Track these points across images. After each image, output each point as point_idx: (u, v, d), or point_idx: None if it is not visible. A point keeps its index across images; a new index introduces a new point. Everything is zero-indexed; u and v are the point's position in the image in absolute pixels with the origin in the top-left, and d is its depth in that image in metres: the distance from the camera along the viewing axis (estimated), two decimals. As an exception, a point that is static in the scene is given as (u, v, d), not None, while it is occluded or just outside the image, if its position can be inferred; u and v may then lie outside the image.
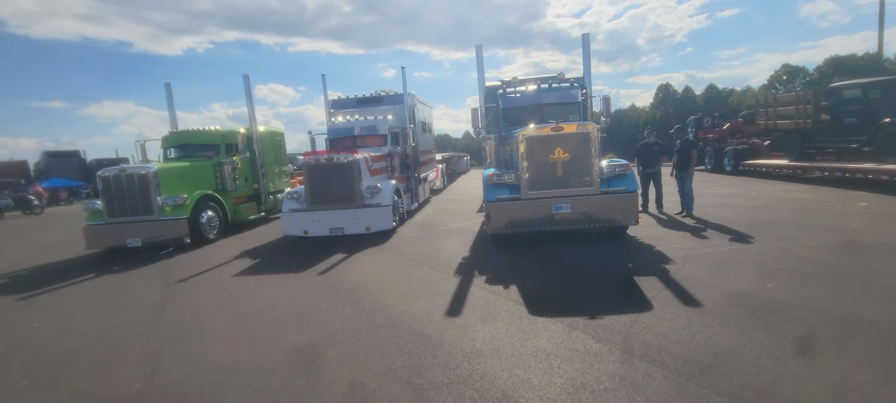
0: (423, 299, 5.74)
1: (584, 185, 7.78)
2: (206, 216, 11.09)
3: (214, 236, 11.30)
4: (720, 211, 10.07)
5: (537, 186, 7.87)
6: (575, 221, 7.81)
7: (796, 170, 13.52)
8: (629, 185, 7.83)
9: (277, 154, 14.75)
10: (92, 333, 5.48)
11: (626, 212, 7.80)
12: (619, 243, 7.94)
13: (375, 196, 10.33)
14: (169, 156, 12.68)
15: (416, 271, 7.13)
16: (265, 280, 7.31)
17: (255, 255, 9.28)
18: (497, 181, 8.08)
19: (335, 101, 14.58)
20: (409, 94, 13.82)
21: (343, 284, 6.68)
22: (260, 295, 6.45)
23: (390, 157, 12.46)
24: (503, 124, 10.23)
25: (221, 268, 8.35)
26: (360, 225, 10.13)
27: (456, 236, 9.63)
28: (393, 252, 8.61)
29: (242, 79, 12.76)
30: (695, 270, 5.96)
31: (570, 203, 7.77)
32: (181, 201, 10.53)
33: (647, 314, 4.68)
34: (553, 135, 7.74)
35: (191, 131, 12.77)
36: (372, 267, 7.61)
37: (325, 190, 10.23)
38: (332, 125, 13.10)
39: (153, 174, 10.36)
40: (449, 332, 4.65)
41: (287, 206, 10.44)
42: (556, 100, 10.06)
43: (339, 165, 10.19)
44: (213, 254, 9.71)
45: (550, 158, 7.79)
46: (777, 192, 12.02)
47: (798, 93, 13.90)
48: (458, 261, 7.53)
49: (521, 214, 7.90)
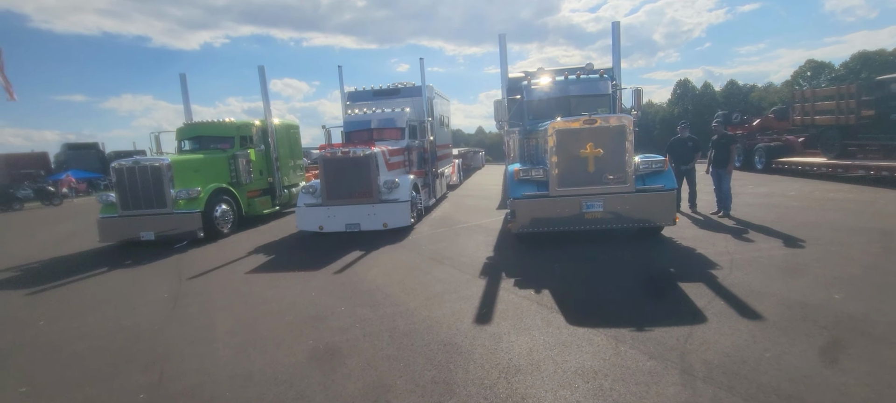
0: (448, 303, 5.33)
1: (617, 183, 7.27)
2: (220, 209, 10.83)
3: (228, 230, 11.03)
4: (759, 211, 9.46)
5: (567, 183, 7.39)
6: (607, 221, 7.32)
7: (836, 169, 12.76)
8: (667, 183, 7.30)
9: (292, 147, 14.45)
10: (99, 333, 5.18)
11: (663, 212, 7.28)
12: (654, 245, 7.43)
13: (393, 191, 9.93)
14: (183, 148, 12.44)
15: (438, 271, 6.72)
16: (280, 278, 6.97)
17: (269, 251, 8.97)
18: (523, 177, 7.62)
19: (351, 93, 14.22)
20: (428, 87, 13.37)
21: (361, 285, 6.30)
22: (274, 295, 6.11)
23: (408, 151, 12.06)
24: (528, 117, 9.74)
25: (235, 265, 8.05)
26: (377, 222, 9.76)
27: (477, 234, 9.20)
28: (412, 250, 8.21)
29: (257, 70, 12.48)
30: (746, 277, 5.44)
31: (603, 201, 7.27)
32: (195, 194, 10.27)
33: (702, 327, 4.19)
34: (585, 128, 7.24)
35: (205, 123, 12.53)
36: (391, 266, 7.22)
37: (341, 184, 9.87)
38: (348, 117, 12.73)
39: (167, 166, 10.11)
40: (480, 342, 4.22)
41: (302, 201, 10.11)
42: (584, 92, 9.53)
43: (355, 159, 9.81)
44: (227, 249, 9.43)
45: (582, 153, 7.30)
46: (817, 192, 11.32)
47: (840, 88, 13.11)
48: (482, 261, 7.10)
49: (549, 212, 7.43)
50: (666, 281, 5.63)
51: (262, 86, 12.45)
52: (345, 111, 13.72)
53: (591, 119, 7.25)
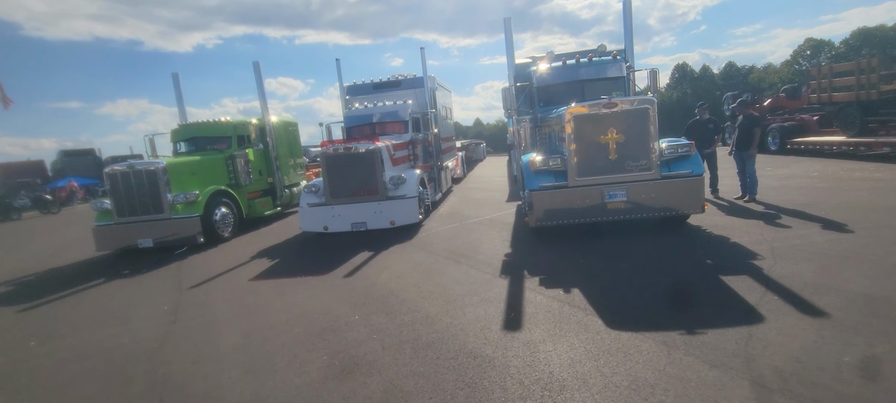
0: (471, 307, 4.90)
1: (641, 170, 6.83)
2: (219, 213, 10.39)
3: (229, 234, 10.61)
4: (785, 194, 9.02)
5: (587, 172, 6.95)
6: (630, 210, 6.88)
7: (858, 147, 12.28)
8: (694, 168, 6.85)
9: (292, 145, 13.98)
10: (94, 353, 4.76)
11: (691, 199, 6.84)
12: (682, 234, 7.00)
13: (400, 187, 9.49)
14: (179, 150, 11.99)
15: (455, 271, 6.29)
16: (286, 284, 6.54)
17: (273, 255, 8.54)
18: (541, 167, 7.17)
19: (351, 87, 13.72)
20: (430, 77, 12.90)
21: (374, 289, 5.88)
22: (281, 304, 5.68)
23: (412, 145, 11.60)
24: (538, 104, 9.27)
25: (238, 271, 7.62)
26: (384, 220, 9.32)
27: (491, 229, 8.76)
28: (424, 249, 7.78)
29: (252, 67, 11.98)
30: (794, 267, 5.01)
31: (626, 190, 6.84)
32: (193, 198, 9.82)
33: (761, 327, 3.76)
34: (605, 113, 6.78)
35: (201, 123, 12.05)
36: (403, 267, 6.80)
37: (345, 182, 9.42)
38: (348, 112, 12.27)
39: (162, 170, 9.65)
40: (514, 353, 3.80)
41: (305, 200, 9.67)
42: (597, 75, 9.05)
43: (359, 155, 9.36)
44: (229, 254, 9.00)
45: (602, 139, 6.85)
46: (841, 172, 10.87)
47: (860, 62, 12.61)
48: (500, 259, 6.67)
49: (568, 204, 7.00)
50: (706, 274, 5.20)
51: (258, 83, 11.96)
52: (344, 106, 13.26)
53: (611, 102, 6.78)
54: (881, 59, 12.14)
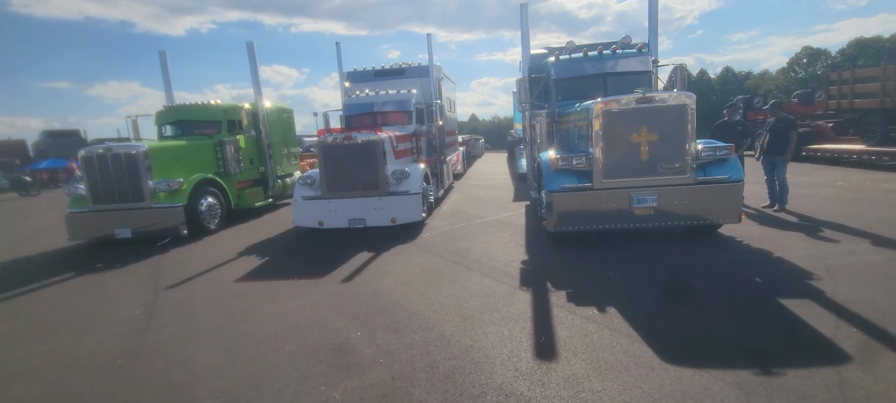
0: (492, 326, 4.22)
1: (675, 173, 6.18)
2: (205, 203, 9.59)
3: (216, 226, 9.82)
4: (815, 203, 8.45)
5: (615, 173, 6.28)
6: (660, 217, 6.24)
7: (881, 157, 11.76)
8: (734, 173, 6.21)
9: (286, 133, 13.19)
10: (45, 370, 4.02)
11: (728, 208, 6.22)
12: (717, 246, 6.37)
13: (403, 182, 8.76)
14: (164, 134, 11.15)
15: (468, 280, 5.61)
16: (276, 288, 5.81)
17: (262, 252, 7.79)
18: (563, 166, 6.49)
19: (351, 74, 12.93)
20: (436, 66, 12.15)
21: (377, 299, 5.17)
22: (271, 313, 4.96)
23: (416, 137, 10.87)
24: (556, 98, 8.59)
25: (222, 270, 6.87)
26: (384, 217, 8.60)
27: (500, 231, 8.08)
28: (430, 251, 7.09)
29: (246, 47, 11.18)
30: (860, 291, 4.39)
31: (657, 194, 6.19)
32: (177, 186, 9.02)
33: (851, 369, 3.13)
34: (639, 108, 6.11)
35: (188, 105, 11.20)
36: (408, 272, 6.10)
37: (343, 174, 8.67)
38: (348, 100, 11.48)
39: (143, 154, 8.84)
40: (554, 392, 3.13)
41: (299, 193, 8.91)
42: (622, 69, 8.38)
43: (360, 145, 8.61)
44: (214, 249, 8.24)
45: (633, 138, 6.18)
46: (867, 182, 10.34)
47: (886, 68, 12.09)
48: (516, 267, 6.00)
49: (592, 208, 6.33)
50: (760, 296, 4.56)
51: (252, 66, 11.16)
52: (344, 93, 12.47)
53: (645, 97, 6.11)
54: (909, 65, 11.66)
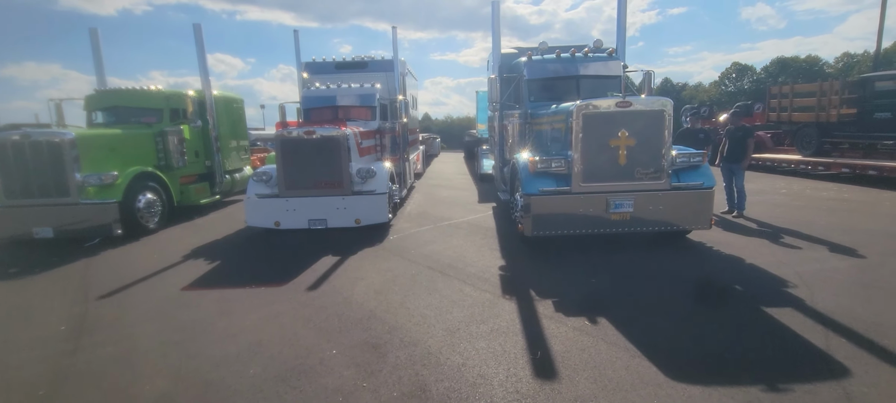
0: (482, 340, 3.91)
1: (651, 178, 6.17)
2: (143, 199, 8.61)
3: (156, 225, 8.86)
4: (767, 210, 8.84)
5: (593, 177, 6.18)
6: (636, 223, 6.21)
7: (816, 167, 12.66)
8: (706, 180, 6.29)
9: (235, 125, 12.24)
10: (-62, 405, 3.26)
11: (700, 214, 6.28)
12: (688, 250, 6.44)
13: (368, 181, 8.27)
14: (95, 121, 9.95)
15: (446, 287, 5.27)
16: (232, 298, 5.19)
17: (211, 254, 7.05)
18: (541, 169, 6.30)
19: (309, 65, 12.18)
20: (401, 61, 11.71)
21: (349, 309, 4.72)
22: (228, 328, 4.37)
23: (380, 134, 10.37)
24: (529, 99, 8.43)
25: (166, 275, 6.11)
26: (347, 217, 8.07)
27: (472, 234, 7.81)
28: (400, 255, 6.68)
29: (193, 29, 10.22)
30: (838, 300, 4.48)
31: (634, 200, 6.15)
32: (110, 180, 8.01)
33: (853, 382, 3.10)
34: (619, 112, 6.03)
35: (124, 90, 10.06)
36: (380, 279, 5.66)
37: (303, 171, 8.05)
38: (308, 92, 10.77)
39: (69, 143, 7.77)
40: (562, 418, 2.86)
41: (253, 190, 8.18)
42: (595, 72, 8.37)
43: (323, 140, 8.03)
44: (155, 251, 7.38)
45: (612, 143, 6.10)
46: (808, 190, 11.03)
47: (822, 84, 13.01)
48: (495, 273, 5.74)
49: (570, 212, 6.20)
50: (745, 305, 4.55)
51: (199, 50, 10.22)
52: (302, 84, 11.73)
53: (625, 101, 6.05)
54: (842, 83, 12.62)
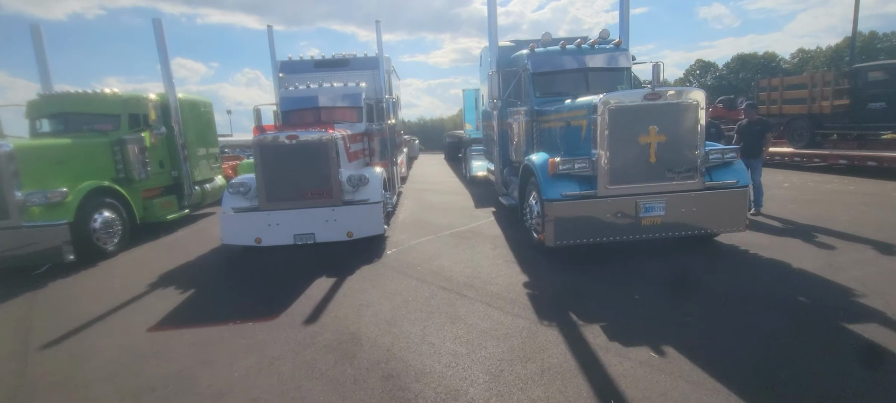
0: (536, 386, 3.17)
1: (684, 178, 5.59)
2: (100, 218, 7.51)
3: (115, 247, 7.75)
4: (779, 206, 8.45)
5: (622, 178, 5.55)
6: (667, 228, 5.62)
7: (812, 159, 12.52)
8: (740, 178, 5.75)
9: (204, 132, 11.16)
10: None
11: (735, 215, 5.73)
12: (728, 256, 5.89)
13: (361, 189, 7.41)
14: (40, 131, 8.72)
15: (470, 313, 4.51)
16: (212, 339, 4.28)
17: (183, 281, 6.06)
18: (564, 170, 5.62)
19: (285, 64, 11.16)
20: (385, 58, 10.87)
21: (360, 349, 3.89)
22: (211, 385, 3.48)
23: (368, 137, 9.50)
24: (534, 94, 7.76)
25: (129, 311, 5.11)
26: (338, 231, 7.18)
27: (480, 244, 7.07)
28: (405, 273, 5.87)
29: (153, 25, 9.15)
30: (919, 309, 3.96)
31: (665, 202, 5.55)
32: (59, 197, 6.89)
33: None
34: (650, 104, 5.42)
35: (74, 94, 8.84)
36: (389, 304, 4.85)
37: (287, 180, 7.12)
38: (286, 92, 9.79)
39: (6, 156, 6.61)
40: None
41: (229, 204, 7.20)
42: (604, 65, 7.78)
43: (308, 145, 7.13)
44: (114, 279, 6.33)
45: (642, 139, 5.48)
46: (810, 183, 10.81)
47: (813, 75, 12.94)
48: (520, 291, 5.02)
49: (596, 218, 5.54)
50: (823, 323, 3.96)
51: (160, 49, 9.17)
52: (278, 85, 10.73)
53: (654, 93, 5.44)
54: (836, 73, 12.55)
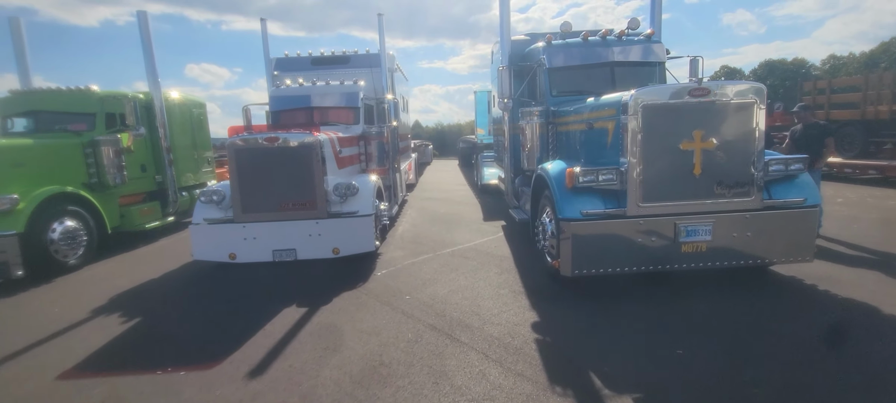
0: None
1: (737, 194, 4.47)
2: (59, 228, 6.72)
3: (79, 259, 6.96)
4: (838, 226, 7.20)
5: (657, 194, 4.47)
6: (712, 255, 4.52)
7: (866, 171, 11.08)
8: (809, 195, 4.60)
9: (196, 133, 10.40)
10: None
11: (800, 242, 4.59)
12: (794, 296, 4.72)
13: (349, 200, 6.46)
14: (10, 131, 8.04)
15: (460, 367, 3.48)
16: (124, 394, 3.35)
17: (132, 307, 5.19)
18: (585, 183, 4.56)
19: (281, 61, 10.35)
20: (389, 55, 9.95)
21: (309, 419, 2.90)
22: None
23: (365, 141, 8.56)
24: (550, 92, 6.72)
25: (50, 347, 4.23)
26: (323, 247, 6.24)
27: (483, 267, 6.04)
28: (391, 304, 4.88)
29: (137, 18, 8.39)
30: None
31: (712, 224, 4.44)
32: (7, 205, 6.11)
33: None
34: (695, 103, 4.34)
35: (46, 91, 8.15)
36: (362, 348, 3.86)
37: (265, 189, 6.23)
38: (276, 90, 8.95)
39: (-51, 157, 5.88)
40: None
41: (201, 214, 6.33)
42: (633, 58, 6.70)
43: (289, 150, 6.23)
44: (63, 298, 5.50)
45: (684, 146, 4.40)
46: (869, 198, 9.48)
47: (869, 77, 11.57)
48: (527, 334, 3.97)
49: (626, 242, 4.46)
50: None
51: (144, 43, 8.41)
52: (271, 83, 9.91)
53: (701, 89, 4.36)
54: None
